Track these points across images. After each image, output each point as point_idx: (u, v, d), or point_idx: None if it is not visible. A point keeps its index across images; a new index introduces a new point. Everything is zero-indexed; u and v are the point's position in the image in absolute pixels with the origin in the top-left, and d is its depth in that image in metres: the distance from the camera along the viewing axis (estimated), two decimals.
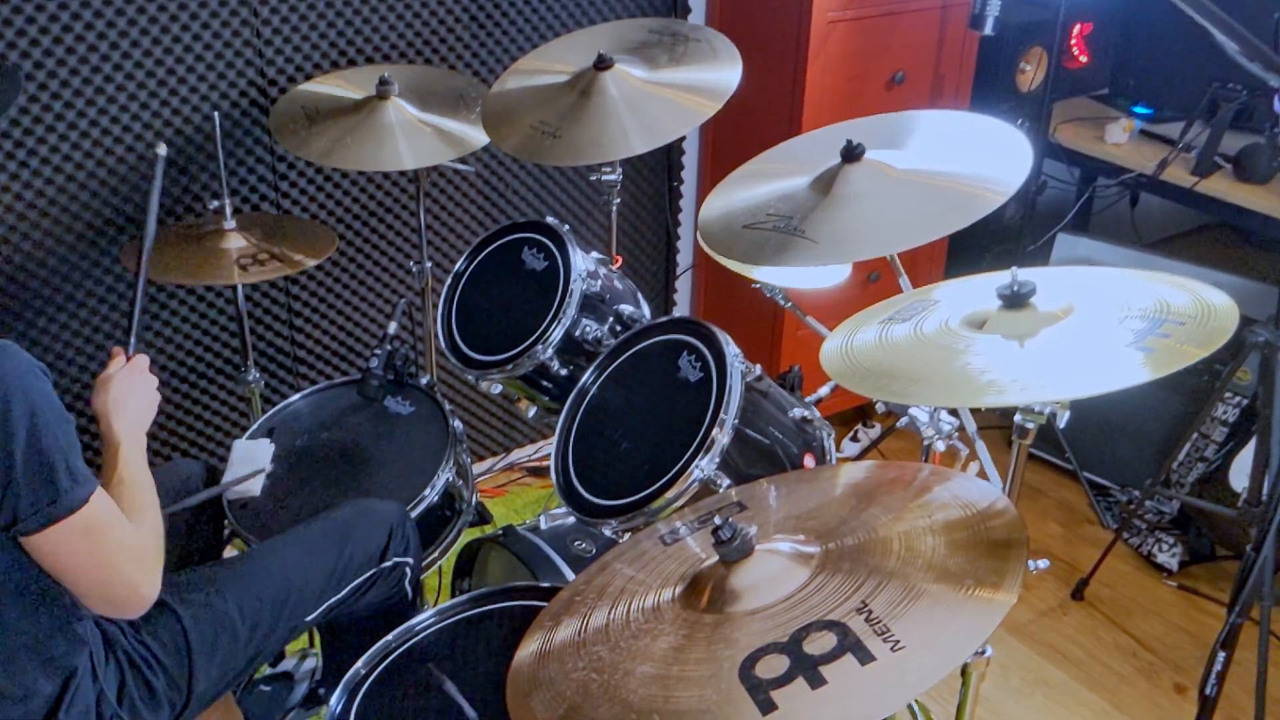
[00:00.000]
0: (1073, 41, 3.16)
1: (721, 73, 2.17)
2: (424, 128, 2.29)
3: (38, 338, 2.35)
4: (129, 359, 1.66)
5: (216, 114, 2.21)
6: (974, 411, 1.91)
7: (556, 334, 1.97)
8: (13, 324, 2.31)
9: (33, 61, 2.17)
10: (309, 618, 1.70)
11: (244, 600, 1.64)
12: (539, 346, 1.97)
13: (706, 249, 1.91)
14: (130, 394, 1.61)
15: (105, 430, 1.56)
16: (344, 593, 1.73)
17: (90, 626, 1.48)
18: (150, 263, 1.84)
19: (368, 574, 1.76)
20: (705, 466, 1.65)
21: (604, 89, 2.16)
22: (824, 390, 2.05)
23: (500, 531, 2.08)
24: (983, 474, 1.83)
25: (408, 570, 1.82)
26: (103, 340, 2.43)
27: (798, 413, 1.85)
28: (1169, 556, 2.81)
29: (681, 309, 3.40)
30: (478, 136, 2.30)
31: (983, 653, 1.49)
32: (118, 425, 1.56)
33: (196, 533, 1.92)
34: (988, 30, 2.74)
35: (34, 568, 1.37)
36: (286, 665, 2.15)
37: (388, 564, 1.78)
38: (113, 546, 1.38)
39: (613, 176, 2.33)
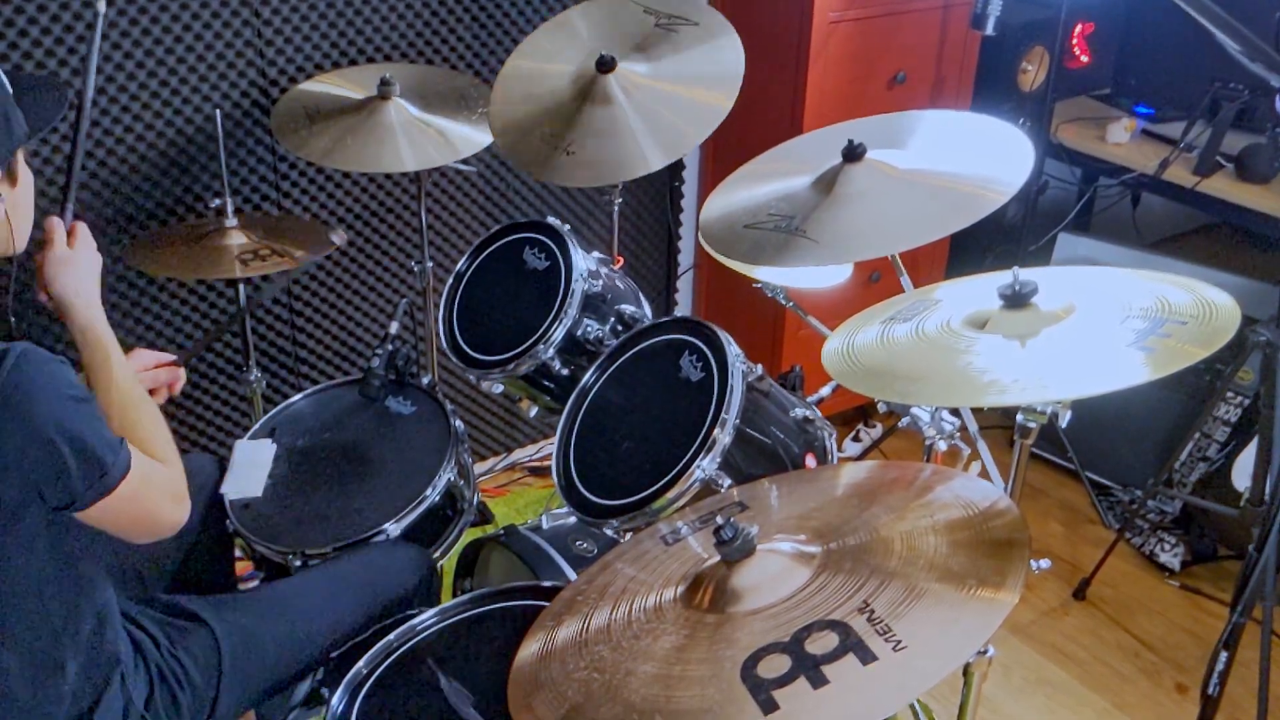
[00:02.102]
0: (1074, 41, 3.16)
1: (723, 51, 2.14)
2: (425, 128, 2.29)
3: (40, 338, 2.35)
4: (70, 228, 1.63)
5: (218, 113, 2.22)
6: (975, 411, 1.91)
7: (558, 334, 1.97)
8: (15, 324, 2.31)
9: (35, 62, 2.17)
10: (334, 653, 1.71)
11: (279, 629, 1.64)
12: (540, 346, 1.97)
13: (708, 249, 1.91)
14: (86, 273, 1.58)
15: (77, 322, 1.53)
16: (369, 633, 1.74)
17: (121, 635, 1.49)
18: (162, 263, 1.80)
19: (393, 619, 1.77)
20: (707, 466, 1.65)
21: (610, 94, 2.15)
22: (825, 390, 2.05)
23: (502, 531, 2.08)
24: (984, 474, 1.82)
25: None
26: None
27: (799, 412, 1.85)
28: (1171, 556, 2.81)
29: (683, 309, 3.40)
30: (479, 137, 2.30)
31: (985, 652, 1.48)
32: (87, 314, 1.54)
33: (201, 534, 1.92)
34: (989, 30, 2.74)
35: (66, 575, 1.38)
36: None
37: (413, 611, 1.79)
38: (154, 494, 1.42)
39: None
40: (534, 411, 2.17)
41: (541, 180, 2.38)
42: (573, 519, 2.06)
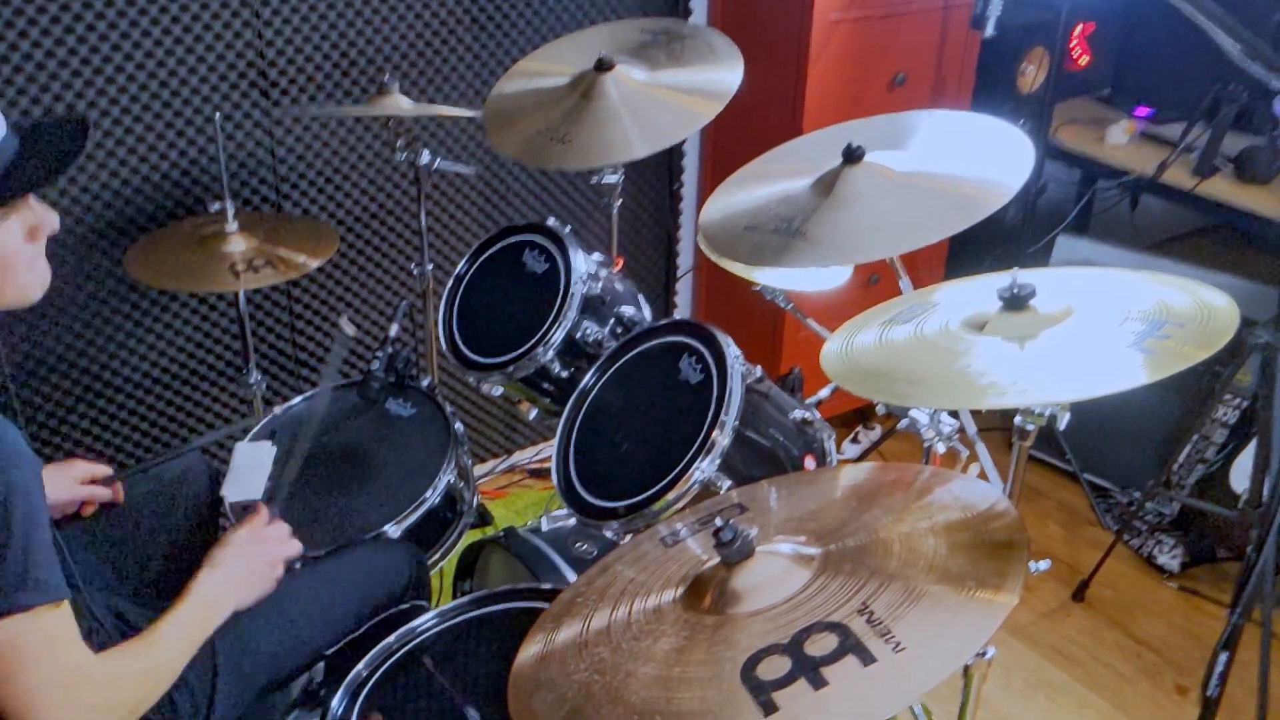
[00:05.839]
0: (1074, 42, 3.16)
1: (722, 72, 2.16)
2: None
3: (39, 339, 2.36)
4: (270, 518, 1.66)
5: (218, 115, 2.22)
6: (974, 413, 1.91)
7: (557, 336, 1.97)
8: (15, 328, 2.32)
9: (35, 63, 2.17)
10: (328, 651, 1.71)
11: (273, 629, 1.64)
12: (540, 348, 1.97)
13: (707, 251, 1.92)
14: (240, 558, 1.57)
15: (195, 579, 1.51)
16: (363, 629, 1.74)
17: (117, 639, 1.48)
18: (160, 273, 1.81)
19: (387, 613, 1.77)
20: (706, 468, 1.65)
21: (605, 91, 2.16)
22: (824, 392, 2.06)
23: (502, 533, 2.08)
24: (983, 476, 1.83)
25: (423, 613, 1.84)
26: (104, 343, 2.43)
27: (798, 414, 1.85)
28: (1170, 558, 2.81)
29: (682, 311, 3.40)
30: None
31: (984, 654, 1.49)
32: (203, 579, 1.51)
33: (201, 536, 1.92)
34: (989, 31, 2.74)
35: None
36: None
37: (406, 605, 1.79)
38: (36, 674, 1.23)
39: (614, 179, 2.33)
40: (534, 414, 2.17)
41: (537, 167, 2.47)
42: (572, 521, 2.06)
